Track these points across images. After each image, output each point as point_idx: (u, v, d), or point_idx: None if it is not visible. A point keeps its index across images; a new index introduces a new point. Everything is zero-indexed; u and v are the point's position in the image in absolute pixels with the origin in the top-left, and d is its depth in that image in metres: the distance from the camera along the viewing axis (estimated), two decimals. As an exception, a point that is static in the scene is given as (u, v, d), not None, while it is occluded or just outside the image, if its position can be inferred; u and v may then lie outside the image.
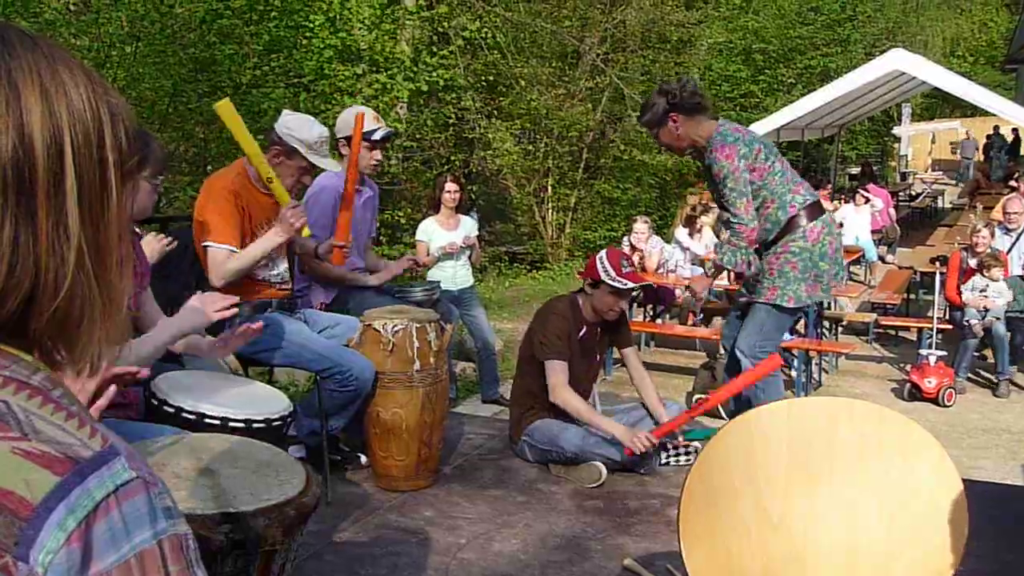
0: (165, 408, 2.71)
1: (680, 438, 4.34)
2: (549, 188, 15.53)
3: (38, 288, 0.76)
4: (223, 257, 3.63)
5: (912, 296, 10.24)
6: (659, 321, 8.99)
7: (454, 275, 6.12)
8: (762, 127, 12.64)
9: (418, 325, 3.91)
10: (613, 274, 4.28)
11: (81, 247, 0.77)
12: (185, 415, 2.69)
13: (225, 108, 3.62)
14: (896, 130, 23.56)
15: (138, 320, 2.97)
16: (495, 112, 14.94)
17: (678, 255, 8.79)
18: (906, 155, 23.96)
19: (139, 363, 2.46)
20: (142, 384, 2.87)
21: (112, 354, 0.85)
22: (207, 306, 2.72)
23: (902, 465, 2.01)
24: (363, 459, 4.17)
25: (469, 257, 6.36)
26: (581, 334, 4.39)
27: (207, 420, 2.71)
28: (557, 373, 4.24)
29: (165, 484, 0.80)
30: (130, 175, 0.84)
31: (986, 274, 7.89)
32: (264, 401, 3.01)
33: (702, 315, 8.98)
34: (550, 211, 15.65)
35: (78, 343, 0.81)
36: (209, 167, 9.65)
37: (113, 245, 0.81)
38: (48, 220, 0.76)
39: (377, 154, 4.54)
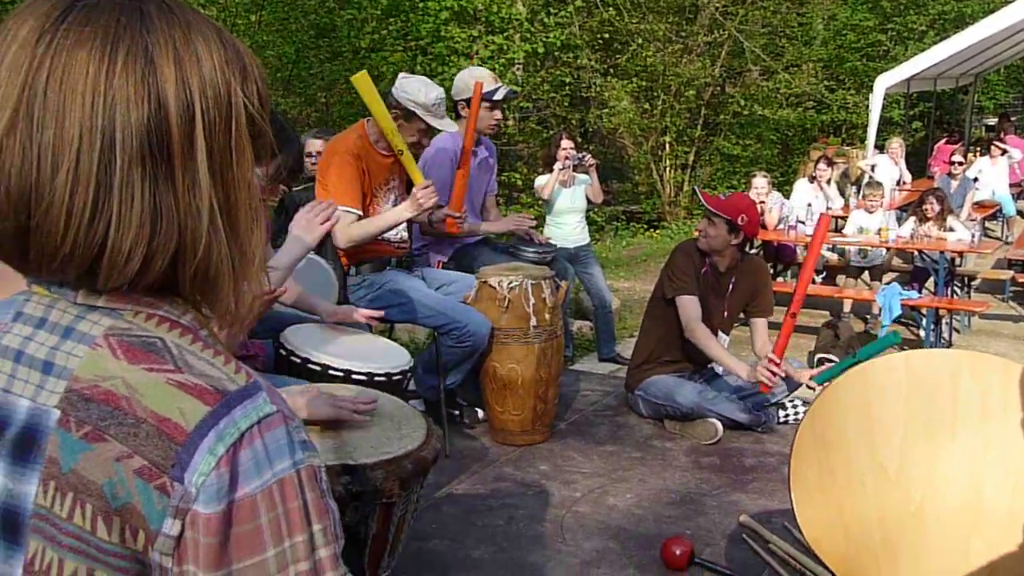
0: (292, 359, 2.83)
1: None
2: (667, 146, 15.30)
3: (181, 248, 0.82)
4: (348, 220, 3.73)
5: (1053, 252, 9.72)
6: (780, 279, 8.80)
7: (571, 232, 6.13)
8: (890, 78, 12.12)
9: (533, 282, 3.95)
10: (702, 198, 4.40)
11: (213, 208, 0.83)
12: (311, 366, 2.80)
13: (362, 81, 3.70)
14: (1038, 77, 22.20)
15: None
16: (611, 70, 14.77)
17: (799, 211, 8.56)
18: (1049, 104, 22.57)
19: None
20: (271, 336, 3.00)
21: (252, 308, 0.91)
22: (309, 225, 2.72)
23: (1029, 421, 1.93)
24: (480, 414, 4.25)
25: (586, 212, 6.35)
26: (704, 271, 4.36)
27: (331, 372, 2.82)
28: (688, 309, 4.25)
29: (299, 419, 0.86)
30: (260, 136, 0.88)
31: None
32: (386, 356, 3.11)
33: (824, 273, 8.76)
34: (668, 169, 15.43)
35: (219, 298, 0.87)
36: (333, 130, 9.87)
37: (243, 204, 0.86)
38: (184, 184, 0.81)
39: (497, 114, 4.58)
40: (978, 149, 13.00)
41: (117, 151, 0.78)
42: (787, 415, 4.42)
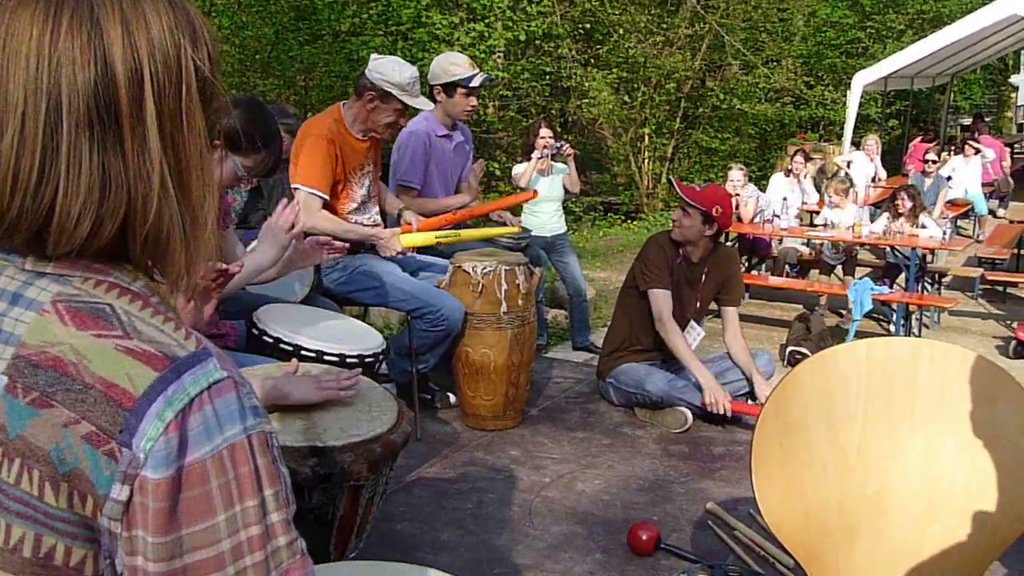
0: (264, 338, 2.82)
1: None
2: (646, 138, 15.34)
3: (131, 213, 0.82)
4: (313, 204, 3.71)
5: (1023, 252, 9.85)
6: (754, 272, 8.87)
7: (548, 221, 6.14)
8: (868, 75, 12.22)
9: (507, 267, 3.96)
10: (678, 188, 4.41)
11: (163, 170, 0.82)
12: (283, 346, 2.80)
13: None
14: (1013, 79, 22.40)
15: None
16: (592, 60, 14.78)
17: (775, 205, 8.62)
18: (1024, 105, 22.81)
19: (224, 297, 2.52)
20: (244, 316, 2.99)
21: (202, 272, 0.91)
22: (279, 230, 2.72)
23: (985, 408, 1.97)
24: (452, 398, 4.27)
25: (563, 202, 6.36)
26: (677, 261, 4.39)
27: (303, 352, 2.82)
28: (660, 303, 4.29)
29: (252, 386, 0.87)
30: (212, 99, 0.88)
31: None
32: (359, 337, 3.11)
33: (798, 267, 8.82)
34: (647, 161, 15.47)
35: (171, 263, 0.87)
36: (309, 114, 9.84)
37: (194, 167, 0.86)
38: (133, 148, 0.81)
39: (473, 100, 4.58)
40: (952, 148, 13.13)
41: (63, 114, 0.78)
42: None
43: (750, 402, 4.38)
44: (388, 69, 3.80)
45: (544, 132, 6.18)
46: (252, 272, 2.65)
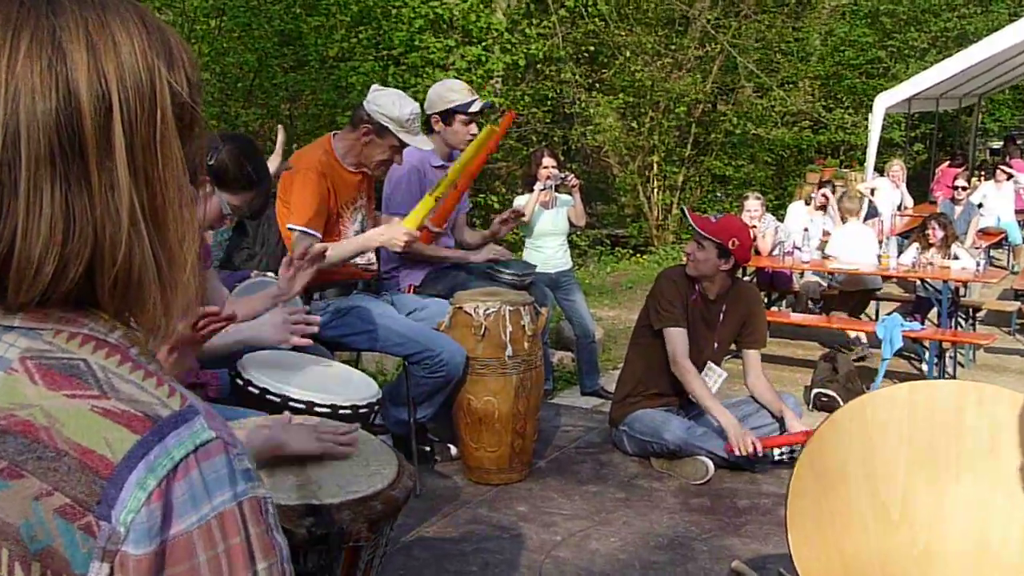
0: (249, 388, 2.80)
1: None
2: (655, 166, 15.38)
3: (98, 254, 0.79)
4: (307, 243, 3.71)
5: (1062, 283, 9.83)
6: (774, 309, 8.84)
7: (552, 256, 6.13)
8: (891, 97, 12.28)
9: (511, 308, 3.95)
10: (691, 220, 4.45)
11: (133, 206, 0.79)
12: (269, 397, 2.77)
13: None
14: (1045, 99, 22.55)
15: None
16: (596, 84, 14.87)
17: (796, 236, 8.62)
18: (1057, 127, 22.90)
19: (200, 357, 2.53)
20: (227, 364, 2.97)
21: (180, 318, 0.88)
22: (284, 326, 2.76)
23: (1039, 457, 1.94)
24: (453, 450, 4.23)
25: (568, 235, 6.36)
26: (692, 298, 4.38)
27: (292, 404, 2.79)
28: (675, 342, 4.28)
29: (244, 446, 0.84)
30: (192, 126, 0.85)
31: None
32: (352, 387, 3.09)
33: (821, 302, 8.80)
34: (656, 190, 15.51)
35: (144, 309, 0.83)
36: (295, 145, 9.88)
37: (171, 201, 0.83)
38: (100, 183, 0.78)
39: (473, 128, 4.60)
40: (983, 173, 13.18)
41: (22, 148, 0.75)
42: (782, 453, 4.42)
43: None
44: (387, 103, 3.80)
45: (547, 161, 6.19)
46: (235, 344, 2.66)
